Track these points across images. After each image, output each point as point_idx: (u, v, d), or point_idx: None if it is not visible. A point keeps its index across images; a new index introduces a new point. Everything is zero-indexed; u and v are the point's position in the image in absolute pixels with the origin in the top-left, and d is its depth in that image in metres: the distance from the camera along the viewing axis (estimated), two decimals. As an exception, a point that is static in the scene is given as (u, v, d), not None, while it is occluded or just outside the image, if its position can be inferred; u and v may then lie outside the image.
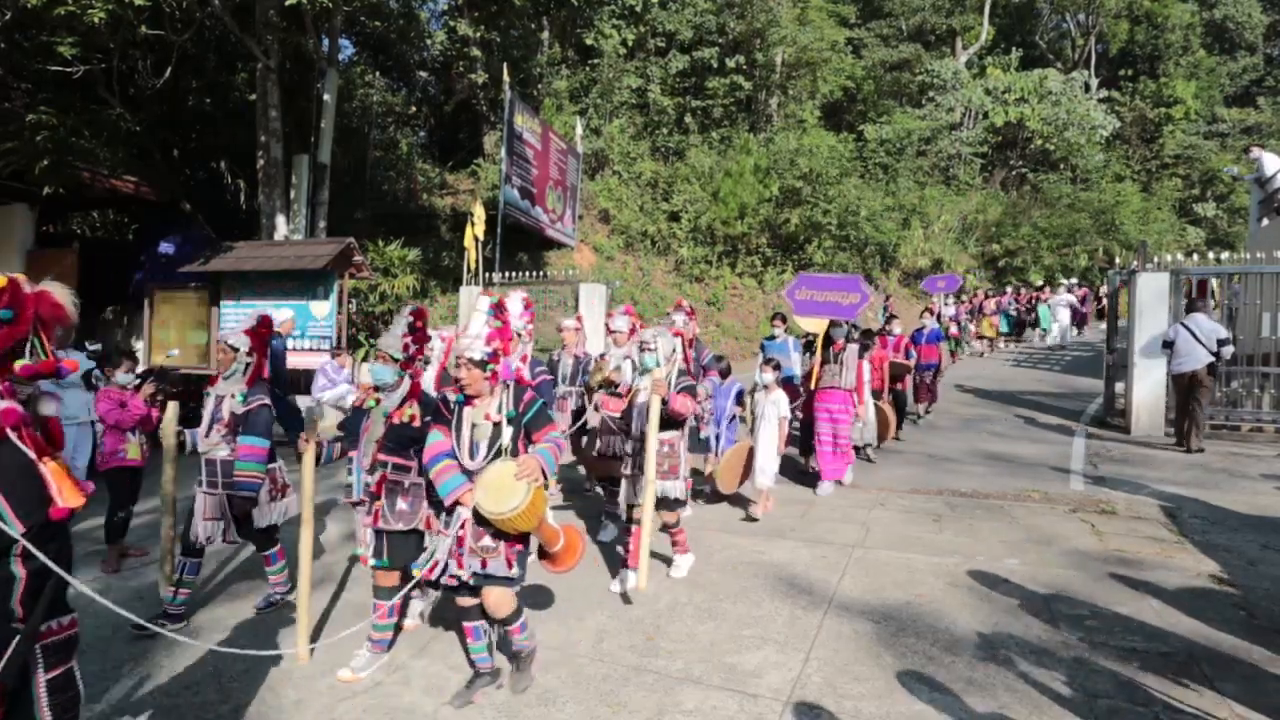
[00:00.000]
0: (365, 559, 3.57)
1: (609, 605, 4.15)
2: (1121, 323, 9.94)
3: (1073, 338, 18.31)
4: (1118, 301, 10.35)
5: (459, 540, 3.05)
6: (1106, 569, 4.50)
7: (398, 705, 3.13)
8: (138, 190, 11.26)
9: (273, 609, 4.15)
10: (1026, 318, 20.03)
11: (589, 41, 19.48)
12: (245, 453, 3.85)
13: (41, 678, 1.87)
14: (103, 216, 14.71)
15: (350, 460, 3.92)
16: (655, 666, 3.42)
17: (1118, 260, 20.02)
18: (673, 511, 4.43)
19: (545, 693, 3.21)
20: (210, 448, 3.98)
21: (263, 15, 10.83)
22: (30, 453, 1.81)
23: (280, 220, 11.51)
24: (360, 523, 3.73)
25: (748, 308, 18.45)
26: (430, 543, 3.29)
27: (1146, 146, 29.34)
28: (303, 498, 3.55)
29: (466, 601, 3.18)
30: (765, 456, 5.76)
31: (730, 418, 6.19)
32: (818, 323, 6.76)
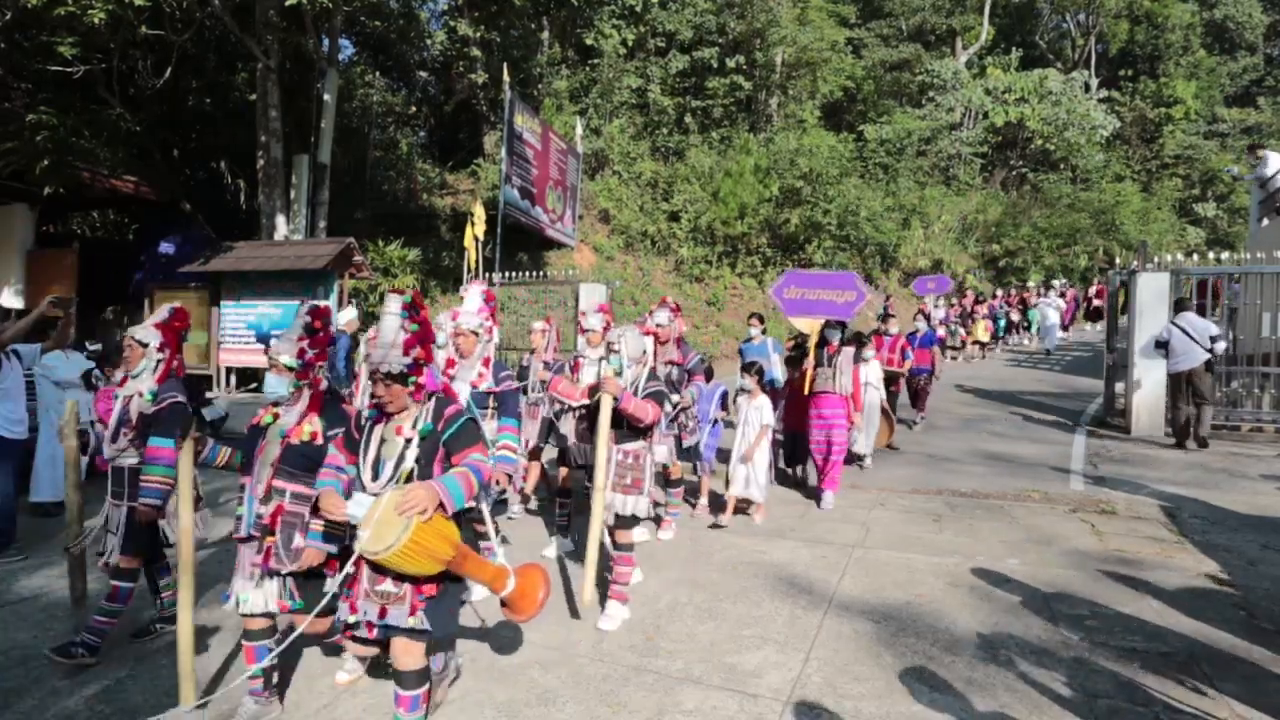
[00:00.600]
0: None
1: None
2: (1122, 322, 9.94)
3: (1060, 340, 17.73)
4: (1118, 301, 10.34)
5: (351, 581, 2.62)
6: (1106, 569, 4.50)
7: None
8: (138, 190, 11.28)
9: (158, 632, 3.75)
10: (1016, 320, 19.56)
11: (589, 41, 19.49)
12: (151, 455, 3.39)
13: None
14: (103, 216, 14.72)
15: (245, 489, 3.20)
16: (655, 666, 3.42)
17: (1118, 260, 19.98)
18: (628, 530, 3.99)
19: (545, 693, 3.21)
20: (117, 454, 3.55)
21: (263, 15, 10.84)
22: None
23: (280, 220, 11.51)
24: (245, 563, 3.02)
25: (748, 308, 18.44)
26: (330, 586, 2.73)
27: (1146, 146, 29.33)
28: (180, 502, 3.13)
29: (369, 652, 2.81)
30: (751, 467, 5.51)
31: (713, 421, 5.90)
32: (810, 323, 6.35)
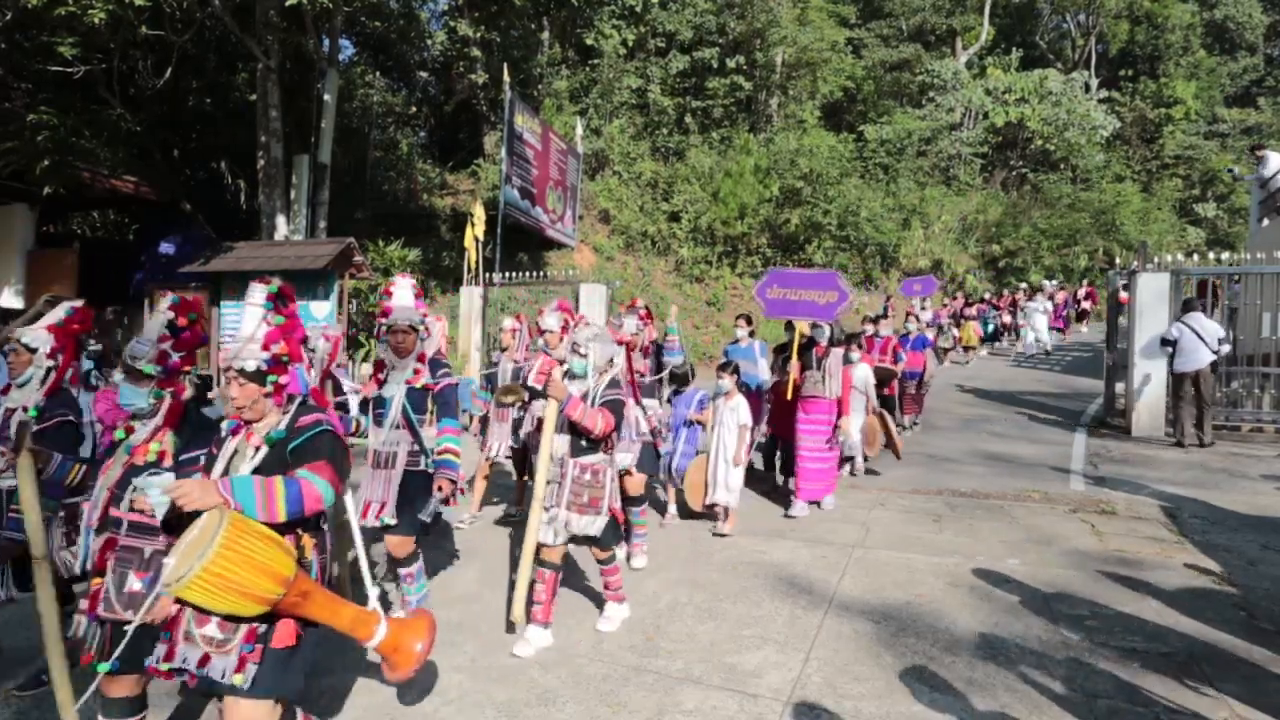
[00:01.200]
0: (87, 656, 2.45)
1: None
2: (1121, 322, 9.94)
3: (1050, 344, 16.91)
4: (1117, 301, 10.34)
5: (170, 621, 2.16)
6: (1106, 569, 4.50)
7: (397, 705, 3.13)
8: (138, 190, 11.28)
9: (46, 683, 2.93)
10: (1006, 323, 19.01)
11: (589, 41, 19.49)
12: None
13: None
14: (103, 216, 14.73)
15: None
16: (655, 666, 3.42)
17: (1118, 260, 19.97)
18: (606, 549, 3.75)
19: (545, 693, 3.21)
20: None
21: (263, 15, 10.84)
22: None
23: (280, 220, 11.51)
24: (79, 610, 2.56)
25: (748, 308, 18.44)
26: (136, 621, 2.19)
27: (1146, 146, 29.31)
28: (29, 529, 2.69)
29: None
30: (725, 470, 5.32)
31: (688, 424, 5.68)
32: (800, 324, 6.14)
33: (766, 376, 6.78)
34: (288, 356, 2.32)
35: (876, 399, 7.08)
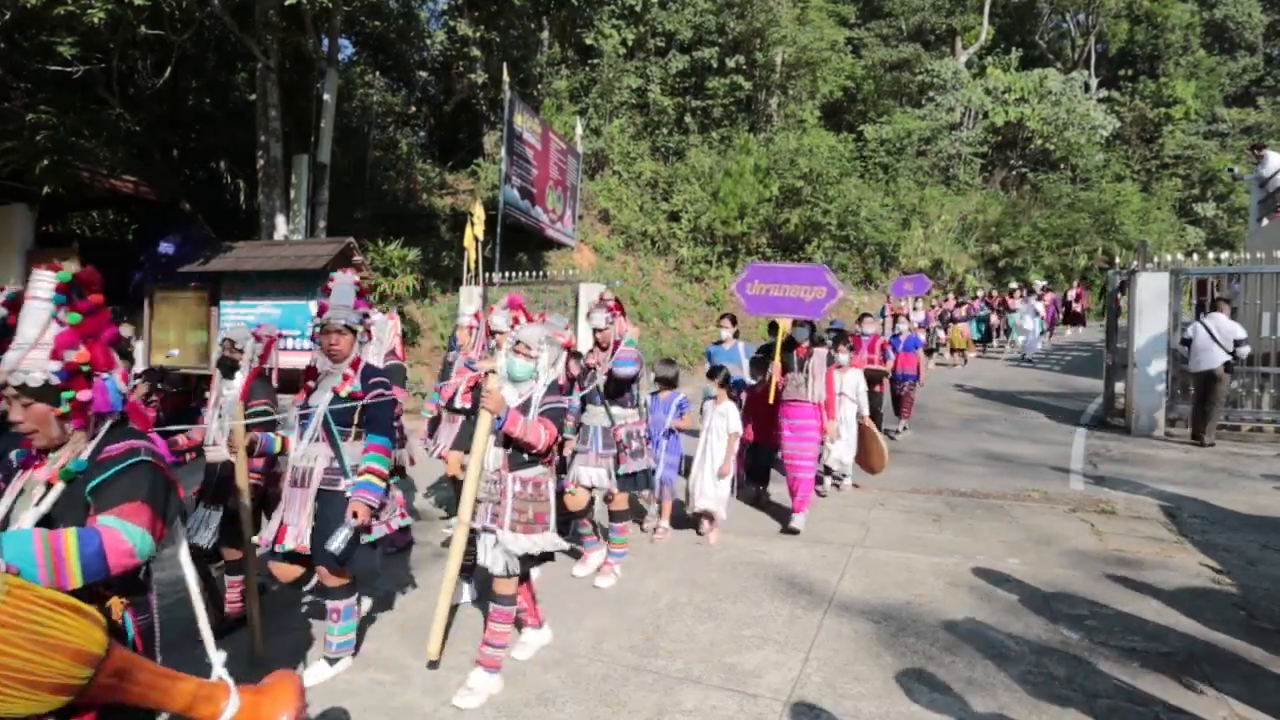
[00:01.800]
0: None
1: (608, 605, 4.14)
2: (1121, 323, 9.94)
3: (1040, 347, 16.68)
4: (1117, 301, 10.35)
5: None
6: (1106, 569, 4.50)
7: (397, 705, 3.12)
8: (138, 190, 11.26)
9: None
10: (996, 324, 18.44)
11: (589, 41, 19.48)
12: None
13: None
14: (103, 216, 14.70)
15: None
16: (655, 666, 3.42)
17: (1118, 260, 19.96)
18: (510, 580, 3.30)
19: (545, 693, 3.20)
20: None
21: (263, 15, 10.83)
22: None
23: (280, 220, 11.51)
24: None
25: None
26: None
27: (1146, 146, 29.33)
28: None
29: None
30: (710, 478, 5.07)
31: (668, 432, 5.15)
32: (787, 323, 5.69)
33: (747, 379, 6.37)
34: (89, 365, 1.78)
35: (867, 405, 6.70)
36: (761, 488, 6.24)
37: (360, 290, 3.54)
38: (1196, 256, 10.60)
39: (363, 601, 3.85)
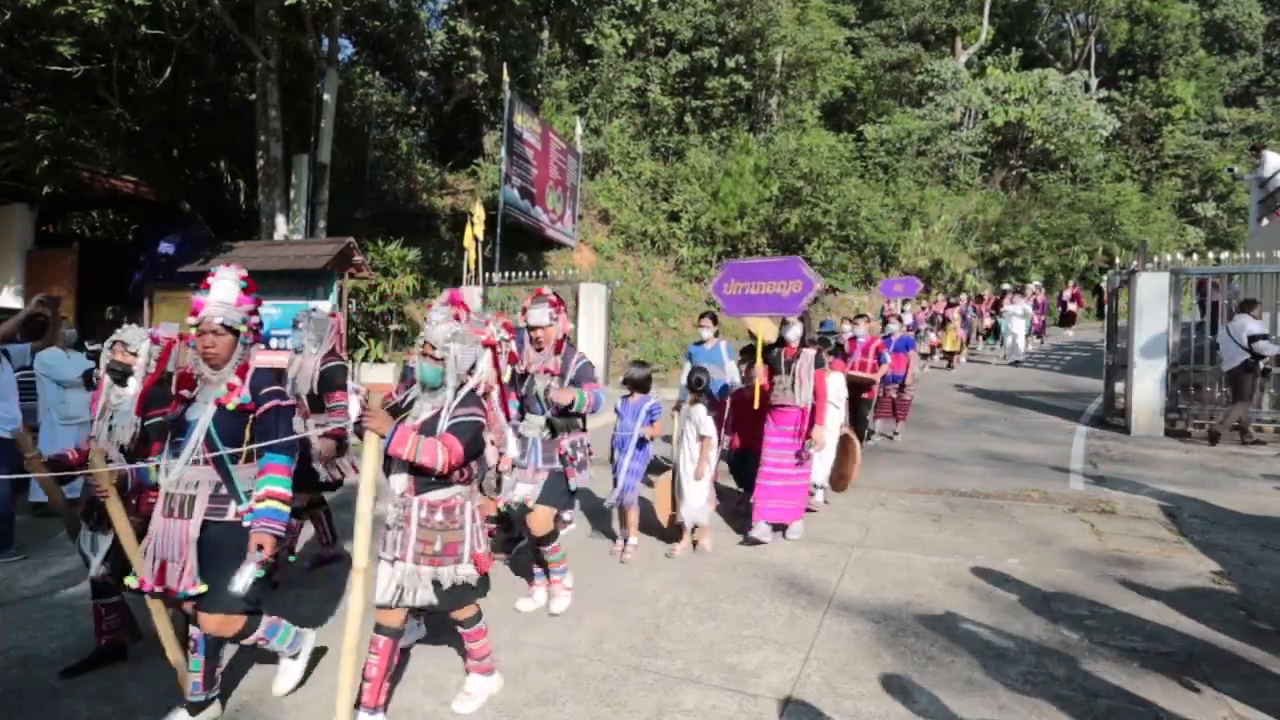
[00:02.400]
0: None
1: (608, 605, 4.14)
2: (1121, 323, 9.95)
3: (1029, 350, 15.89)
4: (1117, 301, 10.35)
5: None
6: (1106, 569, 4.50)
7: (397, 705, 3.12)
8: (138, 190, 11.28)
9: None
10: (987, 326, 17.79)
11: (589, 41, 19.48)
12: None
13: None
14: (103, 216, 14.71)
15: None
16: (655, 666, 3.42)
17: (1118, 260, 19.95)
18: (466, 607, 3.02)
19: (545, 693, 3.21)
20: None
21: (262, 15, 10.84)
22: None
23: (280, 220, 11.51)
24: None
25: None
26: None
27: (1146, 146, 29.32)
28: None
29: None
30: (689, 487, 4.85)
31: (638, 441, 4.83)
32: (764, 323, 5.39)
33: (735, 380, 6.06)
34: None
35: (848, 412, 6.24)
36: (749, 496, 5.73)
37: (249, 286, 3.05)
38: (1196, 256, 10.60)
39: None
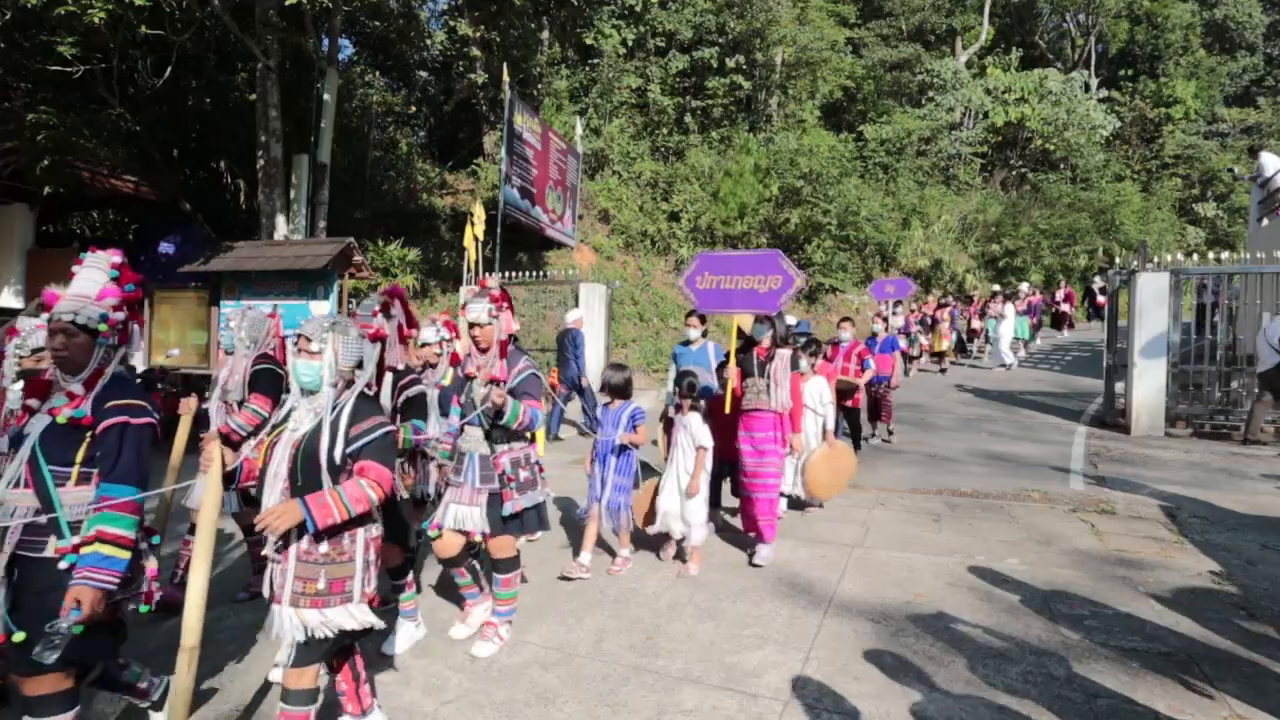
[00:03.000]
0: None
1: (608, 605, 4.14)
2: (1121, 323, 9.95)
3: (1008, 358, 15.01)
4: (1117, 301, 10.35)
5: None
6: (1106, 569, 4.50)
7: (398, 705, 3.12)
8: (138, 190, 11.28)
9: None
10: (975, 329, 17.19)
11: (589, 41, 19.48)
12: None
13: None
14: (103, 216, 14.71)
15: None
16: (655, 666, 3.42)
17: (1118, 260, 19.93)
18: (305, 668, 2.50)
19: (545, 692, 3.21)
20: None
21: (263, 15, 10.84)
22: None
23: (280, 220, 11.51)
24: None
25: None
26: None
27: (1146, 146, 29.33)
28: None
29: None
30: (679, 499, 4.55)
31: (619, 450, 4.54)
32: (751, 322, 5.09)
33: (714, 384, 5.58)
34: None
35: (833, 419, 5.86)
36: (712, 509, 5.34)
37: (122, 276, 2.53)
38: (1196, 256, 10.60)
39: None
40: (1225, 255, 9.35)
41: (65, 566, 2.25)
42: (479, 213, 11.60)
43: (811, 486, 5.54)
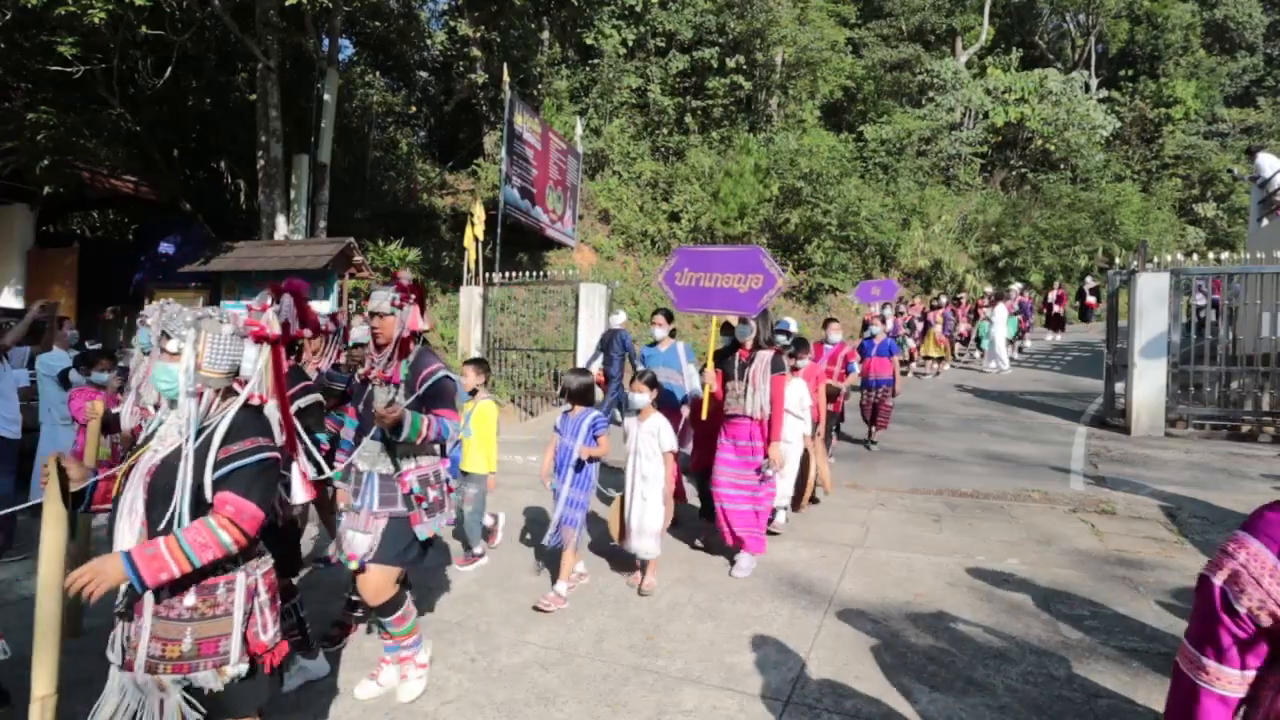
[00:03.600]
0: None
1: (608, 605, 4.14)
2: (1121, 323, 9.95)
3: (998, 365, 14.59)
4: (1116, 302, 10.35)
5: None
6: (1106, 569, 4.50)
7: (397, 705, 3.13)
8: (138, 190, 11.30)
9: None
10: (964, 332, 16.47)
11: (589, 41, 19.49)
12: None
13: None
14: (103, 216, 14.74)
15: None
16: (655, 666, 3.42)
17: (1117, 260, 19.93)
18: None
19: (545, 692, 3.20)
20: None
21: (263, 15, 10.84)
22: None
23: (280, 220, 11.52)
24: None
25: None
26: None
27: (1146, 146, 29.35)
28: None
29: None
30: (641, 511, 4.21)
31: (576, 465, 4.09)
32: (719, 320, 4.87)
33: (697, 387, 5.26)
34: None
35: (812, 425, 5.54)
36: (704, 519, 5.09)
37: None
38: (1196, 256, 10.60)
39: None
40: (1225, 255, 9.35)
41: None
42: (479, 213, 11.61)
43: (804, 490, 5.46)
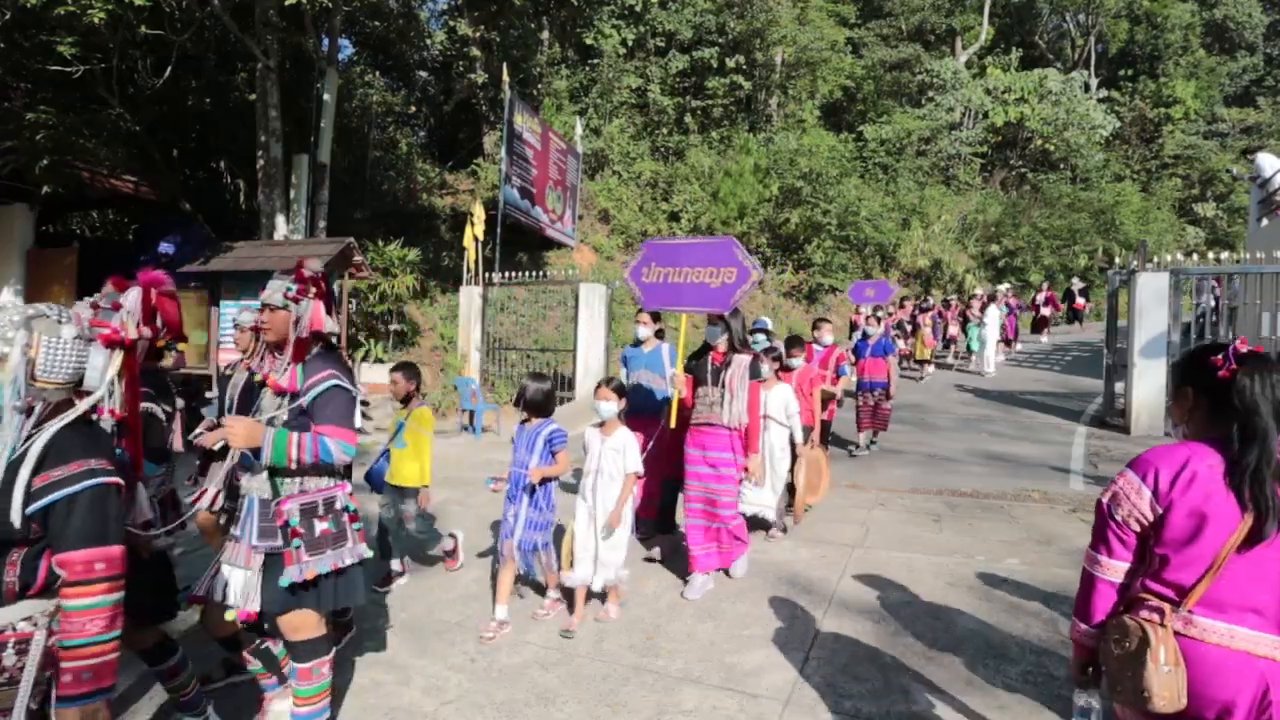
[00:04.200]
0: None
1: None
2: (1121, 323, 9.95)
3: (998, 362, 14.41)
4: (1116, 302, 10.36)
5: None
6: (1106, 569, 4.50)
7: (398, 705, 3.13)
8: (137, 190, 11.29)
9: None
10: (953, 334, 16.05)
11: (589, 41, 19.50)
12: None
13: None
14: (103, 216, 14.72)
15: None
16: (655, 666, 3.42)
17: (1117, 260, 19.92)
18: None
19: (545, 692, 3.21)
20: None
21: (263, 15, 10.83)
22: None
23: (280, 220, 11.51)
24: None
25: (746, 308, 18.40)
26: None
27: (1146, 146, 29.36)
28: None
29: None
30: (595, 537, 3.80)
31: (530, 488, 3.72)
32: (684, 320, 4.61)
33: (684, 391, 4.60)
34: None
35: (800, 430, 5.17)
36: (663, 534, 4.85)
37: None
38: (1196, 256, 10.60)
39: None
40: (1225, 255, 9.35)
41: None
42: (479, 213, 11.60)
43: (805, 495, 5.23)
